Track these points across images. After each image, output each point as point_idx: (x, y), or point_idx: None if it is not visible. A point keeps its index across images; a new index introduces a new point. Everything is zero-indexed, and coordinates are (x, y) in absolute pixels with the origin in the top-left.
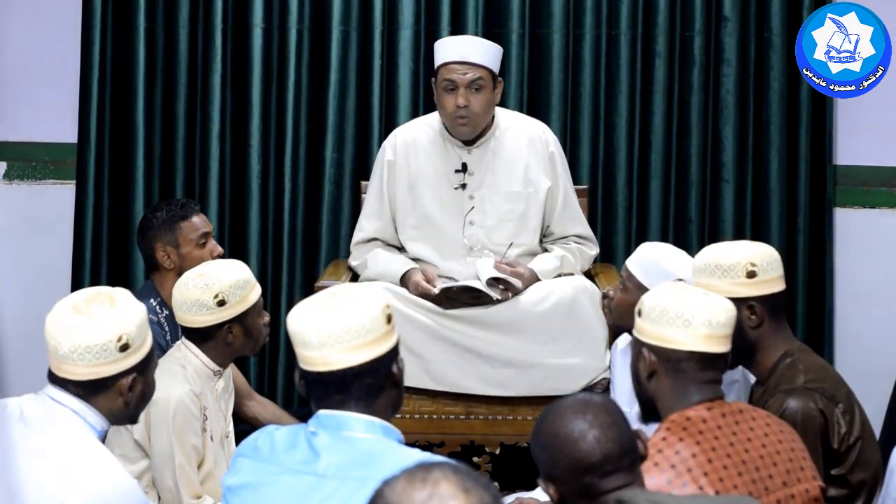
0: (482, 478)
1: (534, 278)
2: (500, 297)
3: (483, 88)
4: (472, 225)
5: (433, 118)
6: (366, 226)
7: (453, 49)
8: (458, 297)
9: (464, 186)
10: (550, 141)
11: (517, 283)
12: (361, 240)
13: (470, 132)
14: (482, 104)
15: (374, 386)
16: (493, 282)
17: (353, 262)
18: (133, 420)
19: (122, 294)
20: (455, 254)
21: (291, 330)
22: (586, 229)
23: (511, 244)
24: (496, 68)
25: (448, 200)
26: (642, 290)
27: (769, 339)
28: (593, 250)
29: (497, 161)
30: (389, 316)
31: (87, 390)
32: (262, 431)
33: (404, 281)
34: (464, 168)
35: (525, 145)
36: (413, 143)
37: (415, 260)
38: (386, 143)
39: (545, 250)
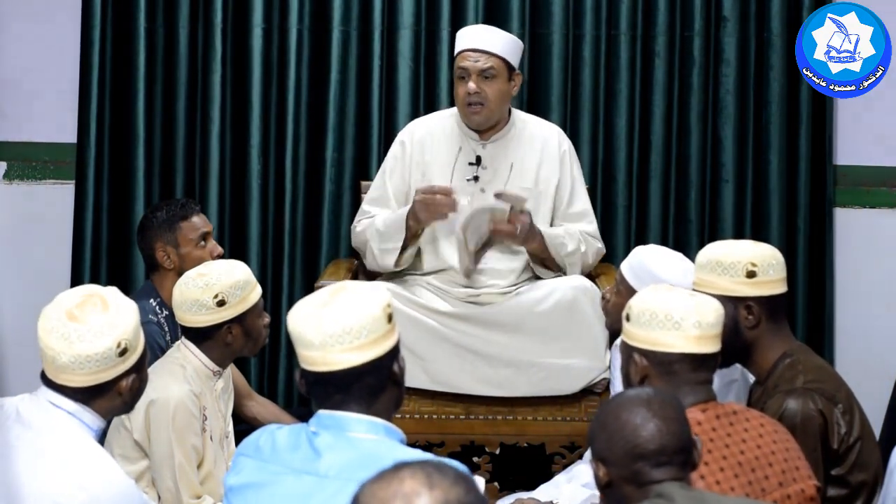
0: (453, 472)
1: (537, 232)
2: (510, 217)
3: (496, 77)
4: None
5: (452, 111)
6: (372, 206)
7: (468, 37)
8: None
9: (476, 179)
10: (564, 141)
11: (522, 195)
12: (365, 216)
13: (482, 120)
14: (495, 92)
15: (376, 385)
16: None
17: (356, 241)
18: (129, 411)
19: (112, 294)
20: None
21: (292, 330)
22: (592, 226)
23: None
24: (513, 60)
25: (459, 191)
26: (633, 293)
27: (767, 340)
28: (598, 244)
29: (510, 157)
30: (390, 315)
31: (86, 395)
32: (264, 431)
33: (411, 214)
34: (478, 161)
35: (539, 146)
36: (429, 134)
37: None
38: (403, 131)
39: None
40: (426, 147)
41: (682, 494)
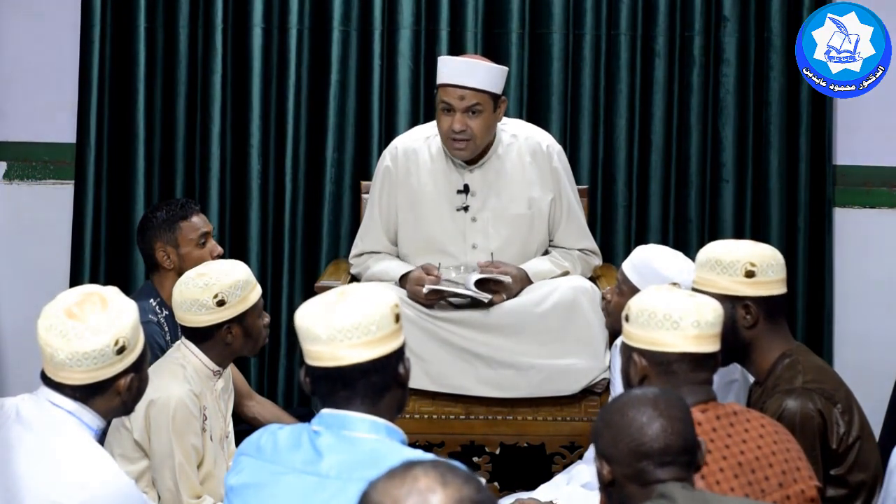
0: (463, 472)
1: (525, 278)
2: (492, 299)
3: (482, 112)
4: (474, 249)
5: (434, 130)
6: (364, 240)
7: (452, 70)
8: (449, 300)
9: (466, 209)
10: (554, 155)
11: (506, 278)
12: (360, 253)
13: (467, 155)
14: (480, 127)
15: (381, 384)
16: (482, 285)
17: (353, 270)
18: (129, 413)
19: (112, 294)
20: (457, 277)
21: (299, 326)
22: (591, 243)
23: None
24: (498, 89)
25: (450, 223)
26: (636, 292)
27: (766, 340)
28: (596, 261)
29: (500, 182)
30: (398, 315)
31: (84, 393)
32: (265, 430)
33: (403, 280)
34: (465, 189)
35: (528, 162)
36: (414, 157)
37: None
38: (386, 153)
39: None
40: (412, 173)
41: (683, 495)
